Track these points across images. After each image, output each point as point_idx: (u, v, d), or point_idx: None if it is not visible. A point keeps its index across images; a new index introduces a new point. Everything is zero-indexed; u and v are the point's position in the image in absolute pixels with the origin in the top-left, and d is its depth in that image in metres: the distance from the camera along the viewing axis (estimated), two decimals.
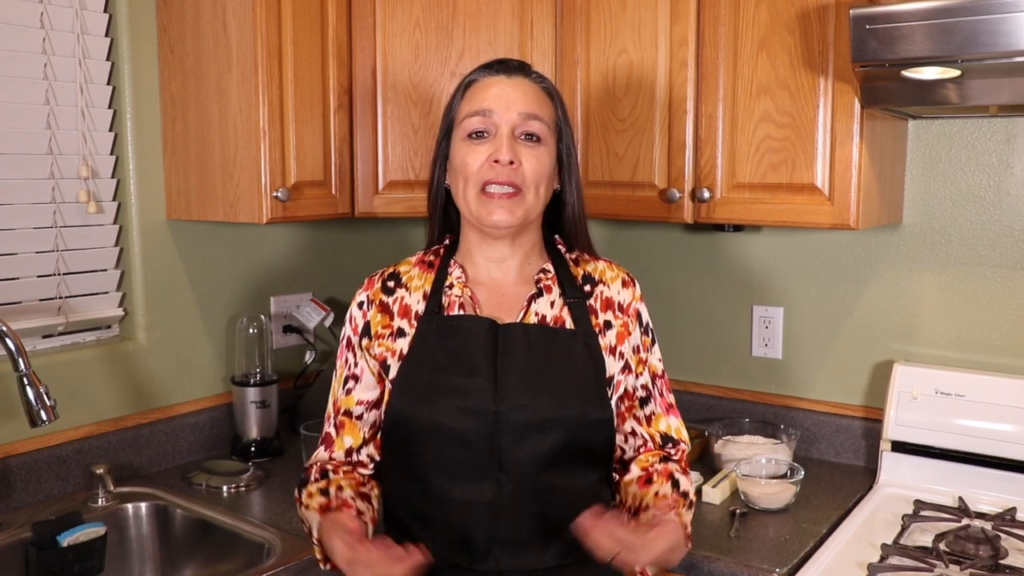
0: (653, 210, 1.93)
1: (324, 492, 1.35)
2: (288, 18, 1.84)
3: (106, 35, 1.94)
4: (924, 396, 1.90)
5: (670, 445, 1.43)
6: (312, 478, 1.38)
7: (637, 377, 1.42)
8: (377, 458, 1.42)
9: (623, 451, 1.44)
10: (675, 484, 1.37)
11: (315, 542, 1.31)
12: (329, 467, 1.39)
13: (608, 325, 1.41)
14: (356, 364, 1.42)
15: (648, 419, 1.43)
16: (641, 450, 1.43)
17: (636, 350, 1.43)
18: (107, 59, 1.94)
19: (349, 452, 1.41)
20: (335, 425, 1.42)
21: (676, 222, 1.95)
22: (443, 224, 1.47)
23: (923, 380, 1.91)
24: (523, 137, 1.35)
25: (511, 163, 1.32)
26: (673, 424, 1.45)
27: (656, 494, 1.35)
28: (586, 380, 1.35)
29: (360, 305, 1.43)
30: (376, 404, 1.42)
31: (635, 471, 1.40)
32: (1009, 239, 1.89)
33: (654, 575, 1.32)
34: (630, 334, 1.42)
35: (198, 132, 1.92)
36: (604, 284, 1.44)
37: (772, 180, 1.79)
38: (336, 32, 1.94)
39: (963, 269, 1.94)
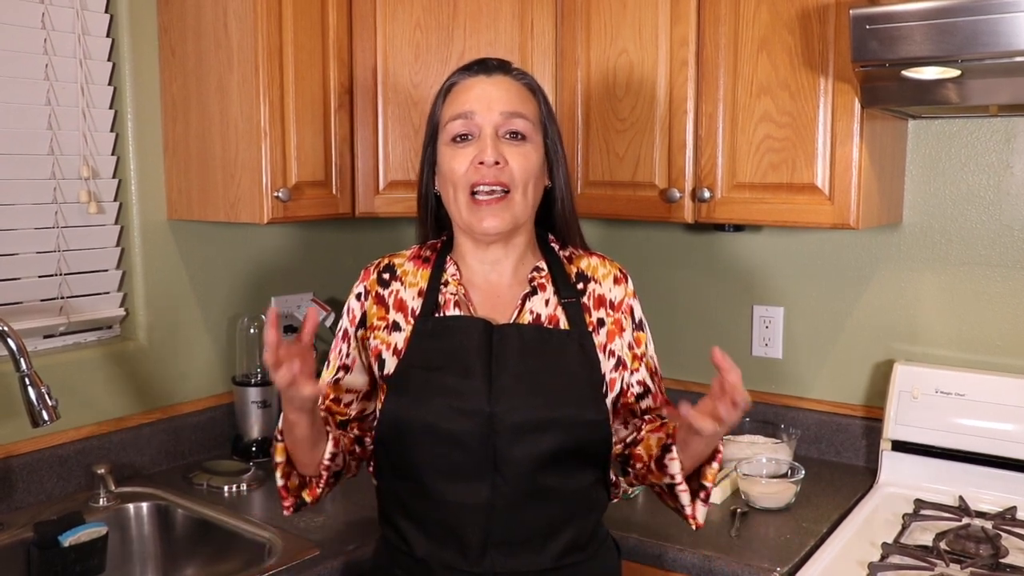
0: (653, 210, 1.93)
1: None
2: (289, 19, 1.84)
3: (107, 36, 1.94)
4: (924, 395, 1.90)
5: None
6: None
7: (632, 374, 1.42)
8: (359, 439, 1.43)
9: (624, 444, 1.43)
10: None
11: (279, 438, 1.34)
12: None
13: (600, 323, 1.41)
14: (348, 355, 1.43)
15: (644, 413, 1.43)
16: (642, 427, 1.43)
17: (630, 346, 1.43)
18: (108, 60, 1.95)
19: (336, 442, 1.40)
20: (325, 410, 1.42)
21: (676, 222, 1.95)
22: (435, 228, 1.47)
23: (923, 379, 1.91)
24: (507, 136, 1.34)
25: (496, 163, 1.32)
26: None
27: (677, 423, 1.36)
28: (581, 380, 1.35)
29: (358, 296, 1.44)
30: (365, 395, 1.43)
31: (644, 434, 1.40)
32: (1009, 239, 1.89)
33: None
34: (623, 331, 1.42)
35: (199, 132, 1.92)
36: (596, 281, 1.44)
37: (772, 180, 1.79)
38: (337, 33, 1.94)
39: (963, 269, 1.94)
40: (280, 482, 1.36)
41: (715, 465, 1.33)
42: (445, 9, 1.98)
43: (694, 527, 1.37)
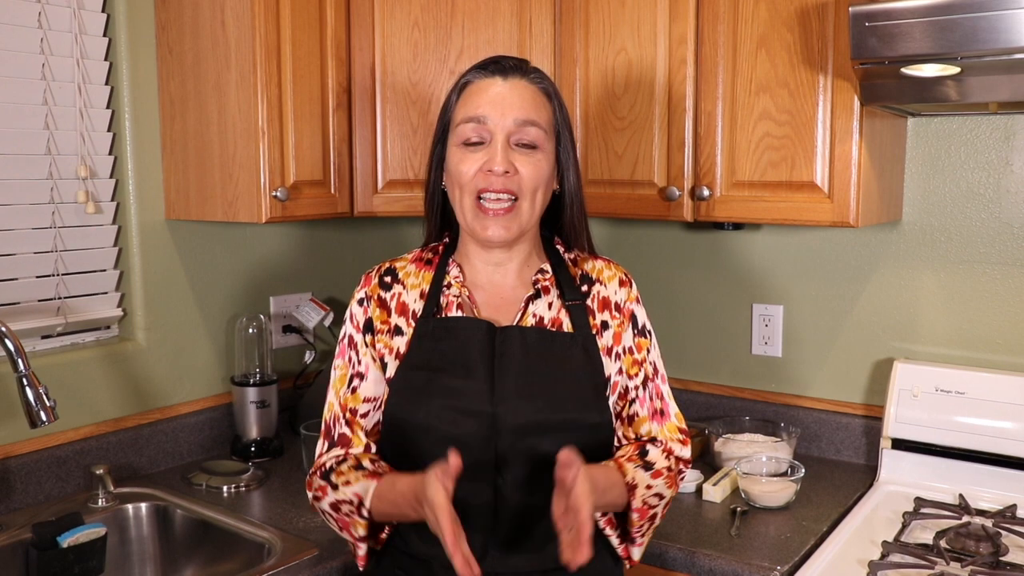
0: (653, 208, 1.92)
1: (358, 467, 1.34)
2: (287, 17, 1.83)
3: (104, 35, 1.93)
4: (924, 393, 1.90)
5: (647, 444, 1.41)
6: (331, 466, 1.36)
7: (630, 379, 1.41)
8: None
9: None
10: (643, 452, 1.36)
11: (364, 515, 1.30)
12: (340, 456, 1.38)
13: (605, 325, 1.40)
14: (360, 362, 1.40)
15: (630, 419, 1.41)
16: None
17: (629, 351, 1.41)
18: (105, 59, 1.94)
19: (368, 448, 1.39)
20: (347, 424, 1.39)
21: (676, 220, 1.95)
22: (440, 226, 1.46)
23: (923, 377, 1.91)
24: (519, 144, 1.33)
25: (505, 172, 1.31)
26: (654, 430, 1.41)
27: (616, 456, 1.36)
28: (584, 383, 1.35)
29: (360, 302, 1.42)
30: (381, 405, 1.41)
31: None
32: (1009, 236, 1.89)
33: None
34: (625, 334, 1.42)
35: (197, 132, 1.92)
36: (601, 283, 1.43)
37: (772, 178, 1.79)
38: (335, 31, 1.93)
39: (963, 267, 1.94)
40: (361, 551, 1.35)
41: (634, 516, 1.33)
42: (443, 8, 1.98)
43: (628, 565, 1.39)
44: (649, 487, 1.33)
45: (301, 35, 1.87)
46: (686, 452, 1.42)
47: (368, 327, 1.40)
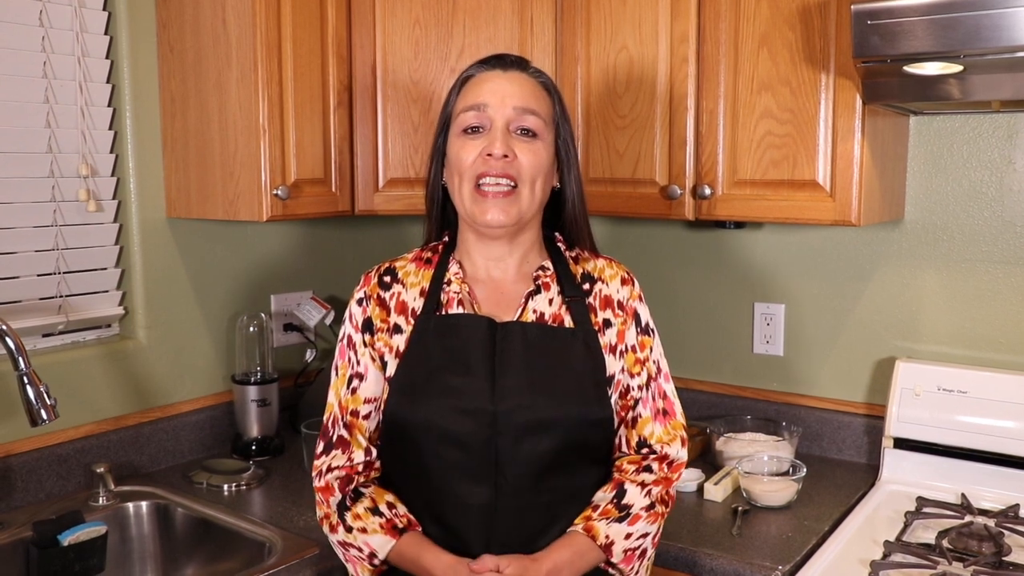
0: (654, 207, 1.92)
1: (375, 511, 1.33)
2: (288, 15, 1.83)
3: (105, 33, 1.93)
4: (926, 393, 1.89)
5: (646, 451, 1.40)
6: (345, 501, 1.35)
7: (632, 377, 1.41)
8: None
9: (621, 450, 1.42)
10: (620, 494, 1.35)
11: (375, 564, 1.31)
12: (356, 480, 1.37)
13: (608, 323, 1.40)
14: (359, 362, 1.40)
15: (633, 421, 1.41)
16: (619, 455, 1.41)
17: (632, 349, 1.41)
18: (106, 57, 1.94)
19: (368, 452, 1.39)
20: (346, 426, 1.39)
21: (677, 219, 1.95)
22: (440, 222, 1.46)
23: (925, 377, 1.90)
24: (518, 132, 1.34)
25: (505, 156, 1.31)
26: (657, 431, 1.40)
27: (588, 504, 1.35)
28: (585, 379, 1.34)
29: (359, 302, 1.42)
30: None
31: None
32: (1012, 235, 1.89)
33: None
34: (628, 332, 1.41)
35: (198, 130, 1.92)
36: (603, 282, 1.43)
37: (773, 176, 1.78)
38: (336, 29, 1.93)
39: (965, 265, 1.94)
40: None
41: (621, 566, 1.33)
42: (444, 6, 1.97)
43: None
44: (628, 535, 1.32)
45: (302, 33, 1.86)
46: (683, 454, 1.42)
47: (367, 327, 1.40)
